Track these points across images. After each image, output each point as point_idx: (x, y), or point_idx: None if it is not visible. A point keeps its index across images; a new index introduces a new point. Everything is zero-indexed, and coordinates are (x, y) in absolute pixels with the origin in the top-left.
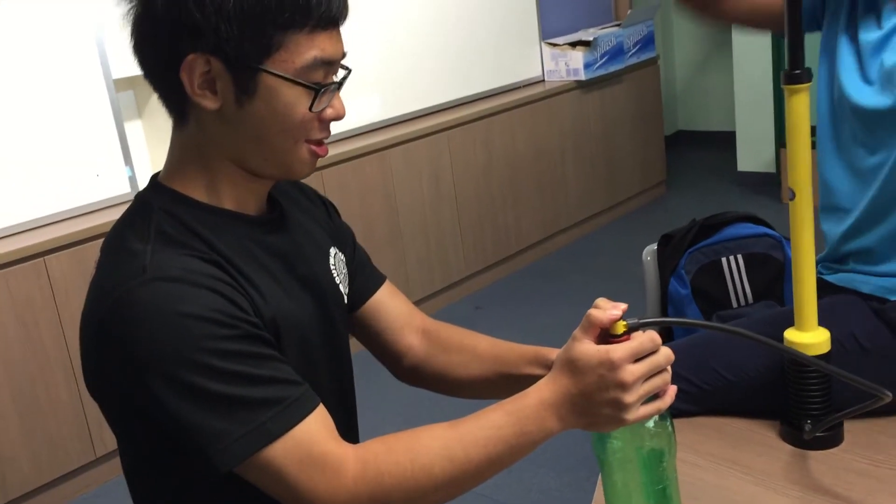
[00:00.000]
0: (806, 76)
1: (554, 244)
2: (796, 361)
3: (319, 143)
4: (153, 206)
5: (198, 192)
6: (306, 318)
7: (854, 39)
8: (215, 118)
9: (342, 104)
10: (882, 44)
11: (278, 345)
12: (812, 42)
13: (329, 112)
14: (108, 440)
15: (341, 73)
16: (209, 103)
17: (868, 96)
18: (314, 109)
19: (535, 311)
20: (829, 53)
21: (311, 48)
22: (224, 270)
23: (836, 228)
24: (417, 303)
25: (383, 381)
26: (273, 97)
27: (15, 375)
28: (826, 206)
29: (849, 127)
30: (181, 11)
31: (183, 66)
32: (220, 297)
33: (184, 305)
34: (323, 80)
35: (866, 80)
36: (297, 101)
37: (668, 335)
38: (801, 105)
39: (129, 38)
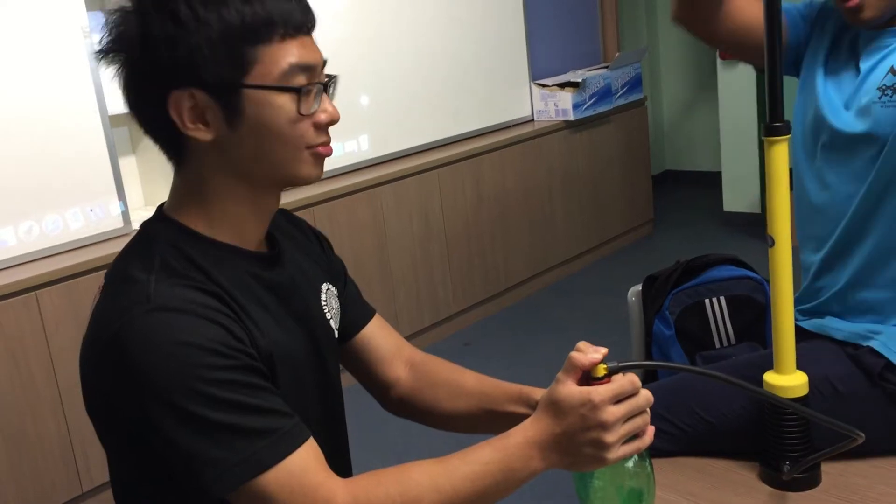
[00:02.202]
0: (785, 129)
1: (542, 282)
2: (774, 404)
3: (322, 145)
4: (158, 237)
5: (200, 226)
6: (299, 352)
7: (834, 75)
8: (213, 148)
9: (334, 108)
10: (861, 82)
11: (272, 377)
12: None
13: (322, 116)
14: (95, 475)
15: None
16: (203, 135)
17: (846, 123)
18: (303, 111)
19: (523, 347)
20: (808, 89)
21: (285, 56)
22: (223, 302)
23: (813, 257)
24: (406, 339)
25: (374, 415)
26: (261, 111)
27: (3, 409)
28: (802, 237)
29: (823, 154)
30: (155, 55)
31: (169, 105)
32: (219, 328)
33: (184, 335)
34: (304, 83)
35: (845, 108)
36: (284, 107)
37: (651, 376)
38: (780, 156)
39: (124, 101)
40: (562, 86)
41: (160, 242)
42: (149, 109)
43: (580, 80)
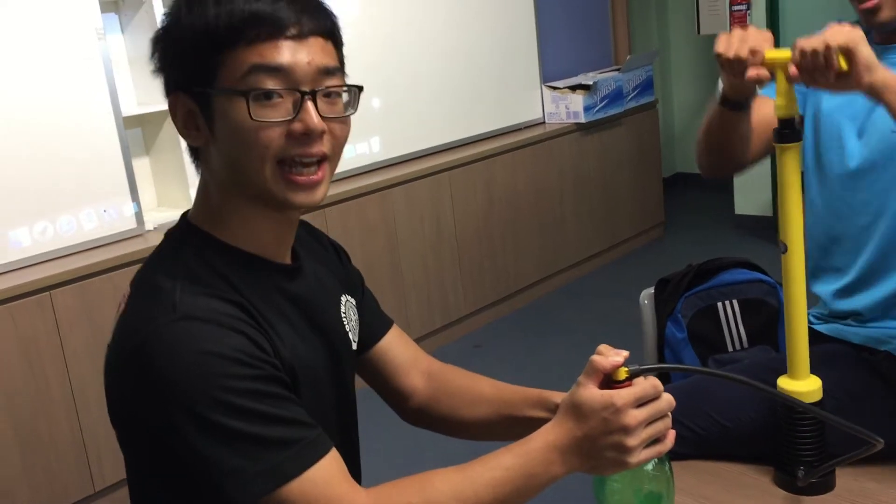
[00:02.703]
0: (796, 135)
1: (552, 284)
2: (790, 408)
3: (293, 164)
4: (183, 245)
5: (222, 234)
6: (318, 364)
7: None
8: (209, 155)
9: (312, 117)
10: (872, 108)
11: (294, 387)
12: None
13: (297, 126)
14: (107, 475)
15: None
16: (195, 140)
17: (860, 152)
18: (254, 116)
19: (534, 350)
20: (812, 105)
21: (248, 58)
22: (247, 312)
23: (828, 288)
24: (417, 341)
25: (387, 423)
26: (226, 115)
27: (17, 409)
28: (816, 269)
29: (838, 185)
30: (156, 58)
31: (169, 109)
32: (243, 338)
33: (210, 344)
34: (271, 88)
35: (858, 135)
36: (239, 111)
37: (663, 379)
38: (792, 162)
39: None
40: (573, 88)
41: (185, 250)
42: (170, 114)
43: (591, 83)
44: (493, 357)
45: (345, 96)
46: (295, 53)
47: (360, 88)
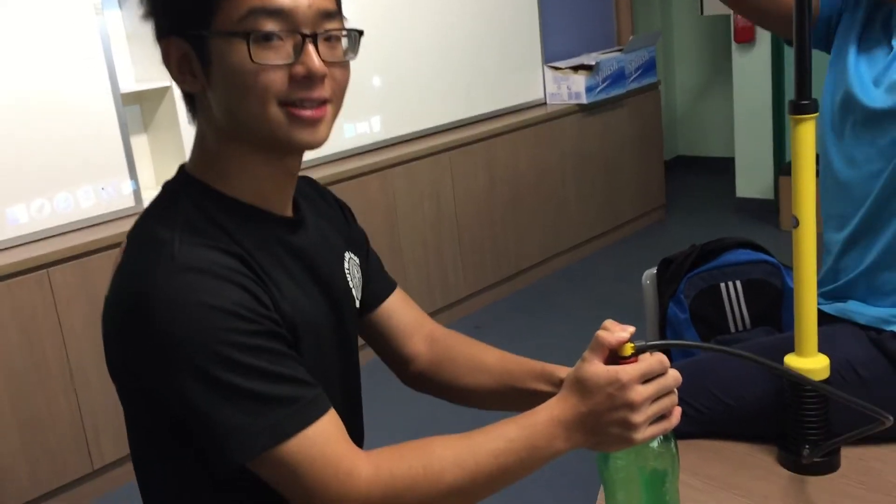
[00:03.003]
0: (813, 107)
1: (553, 265)
2: (795, 386)
3: (299, 103)
4: (180, 196)
5: (221, 184)
6: (321, 320)
7: (866, 52)
8: (206, 101)
9: (314, 60)
10: (893, 59)
11: (295, 343)
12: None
13: (299, 69)
14: (106, 452)
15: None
16: (191, 87)
17: (875, 98)
18: (255, 59)
19: (534, 331)
20: (839, 66)
21: (246, 0)
22: (247, 265)
23: (836, 236)
24: None
25: (391, 390)
26: (224, 59)
27: (15, 386)
28: (827, 216)
29: (851, 131)
30: (143, 2)
31: (163, 55)
32: (244, 292)
33: (210, 297)
34: (270, 31)
35: (875, 84)
36: (238, 54)
37: (669, 358)
38: (807, 135)
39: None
40: (575, 69)
41: (183, 202)
42: (163, 60)
43: (593, 64)
44: (493, 338)
45: (344, 41)
46: None
47: (361, 32)
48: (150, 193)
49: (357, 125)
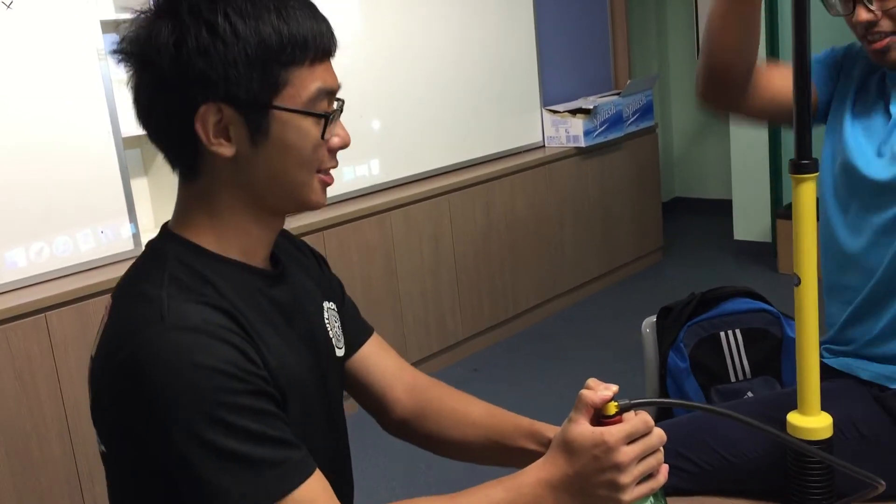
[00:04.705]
0: (813, 167)
1: (551, 308)
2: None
3: (327, 172)
4: (166, 253)
5: (207, 242)
6: (305, 374)
7: (862, 119)
8: (230, 165)
9: (346, 132)
10: (893, 126)
11: (282, 399)
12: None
13: (336, 141)
14: (98, 497)
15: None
16: (225, 150)
17: (879, 170)
18: (326, 137)
19: (532, 374)
20: (835, 134)
21: (313, 80)
22: (234, 321)
23: (841, 308)
24: (414, 365)
25: (381, 437)
26: (287, 132)
27: (9, 430)
28: (830, 287)
29: (858, 203)
30: (188, 65)
31: (197, 118)
32: (234, 350)
33: (201, 357)
34: (328, 108)
35: (878, 154)
36: (308, 132)
37: (667, 412)
38: (808, 194)
39: (135, 103)
40: (573, 112)
41: (169, 259)
42: (169, 120)
43: (591, 107)
44: (491, 381)
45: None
46: (334, 75)
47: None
48: (149, 237)
49: (356, 168)
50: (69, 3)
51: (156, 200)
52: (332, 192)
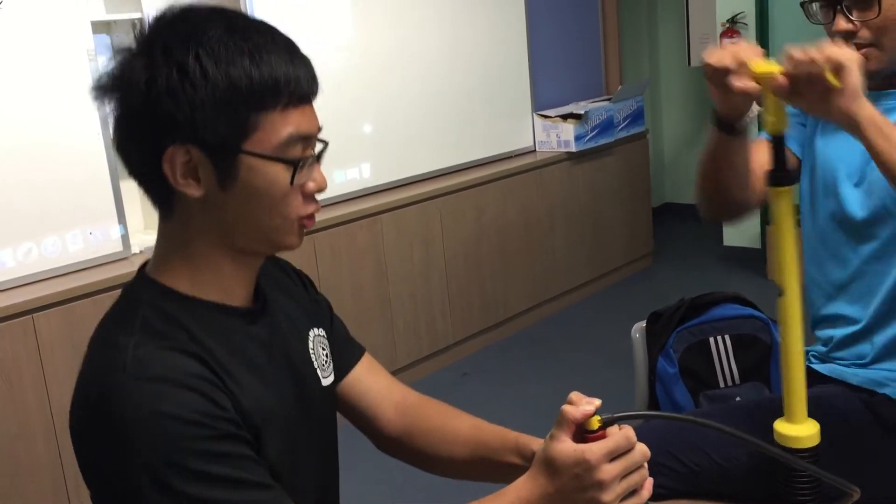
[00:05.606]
0: (789, 178)
1: (541, 313)
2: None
3: (309, 216)
4: (140, 299)
5: (183, 285)
6: (286, 406)
7: (833, 140)
8: (200, 205)
9: (323, 176)
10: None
11: (258, 438)
12: None
13: (311, 186)
14: (85, 501)
15: (319, 146)
16: (193, 191)
17: (859, 201)
18: (295, 183)
19: (522, 378)
20: (808, 152)
21: (285, 125)
22: (205, 365)
23: (834, 334)
24: (404, 368)
25: (372, 456)
26: (254, 177)
27: None
28: (821, 317)
29: (841, 234)
30: (157, 105)
31: (164, 158)
32: (199, 397)
33: (163, 406)
34: (301, 154)
35: (856, 185)
36: (277, 177)
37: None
38: (785, 205)
39: (113, 138)
40: (564, 117)
41: (142, 304)
42: (139, 156)
43: (582, 112)
44: (480, 386)
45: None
46: (312, 120)
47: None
48: (138, 238)
49: (347, 171)
50: (60, 3)
51: (145, 202)
52: (323, 195)
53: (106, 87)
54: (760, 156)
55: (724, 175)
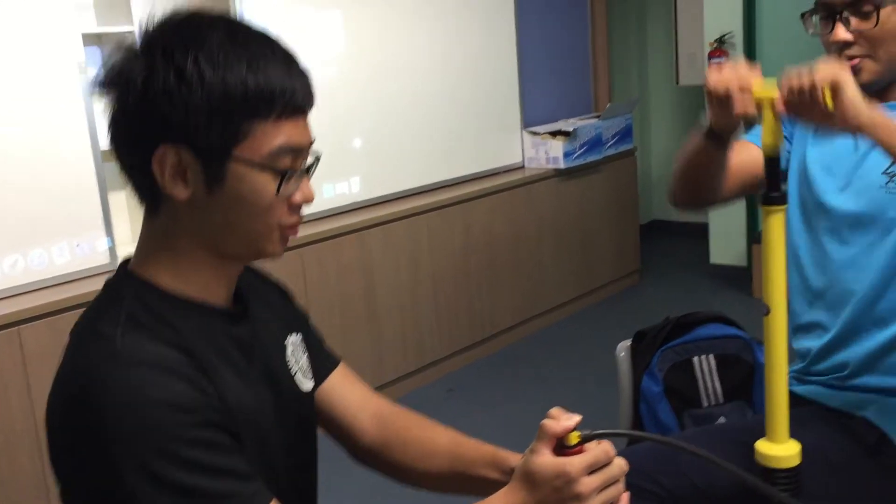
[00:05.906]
0: (782, 199)
1: (527, 329)
2: (765, 474)
3: (292, 226)
4: (123, 293)
5: (166, 281)
6: (263, 411)
7: (826, 148)
8: (187, 206)
9: (310, 189)
10: (861, 160)
11: (237, 438)
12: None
13: (298, 197)
14: None
15: (311, 159)
16: (180, 192)
17: (846, 205)
18: (281, 194)
19: (507, 395)
20: (796, 162)
21: (277, 135)
22: (190, 357)
23: (810, 345)
24: (390, 383)
25: (347, 472)
26: (241, 183)
27: None
28: (799, 325)
29: (825, 239)
30: (152, 105)
31: (154, 158)
32: (186, 384)
33: (153, 392)
34: (290, 165)
35: (843, 188)
36: (264, 186)
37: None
38: (777, 224)
39: (108, 135)
40: (553, 134)
41: (126, 297)
42: (132, 154)
43: (571, 129)
44: (466, 401)
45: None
46: (305, 133)
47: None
48: (125, 250)
49: (336, 185)
50: (51, 15)
51: (133, 214)
52: (311, 209)
53: (105, 83)
54: (740, 155)
55: (702, 177)
